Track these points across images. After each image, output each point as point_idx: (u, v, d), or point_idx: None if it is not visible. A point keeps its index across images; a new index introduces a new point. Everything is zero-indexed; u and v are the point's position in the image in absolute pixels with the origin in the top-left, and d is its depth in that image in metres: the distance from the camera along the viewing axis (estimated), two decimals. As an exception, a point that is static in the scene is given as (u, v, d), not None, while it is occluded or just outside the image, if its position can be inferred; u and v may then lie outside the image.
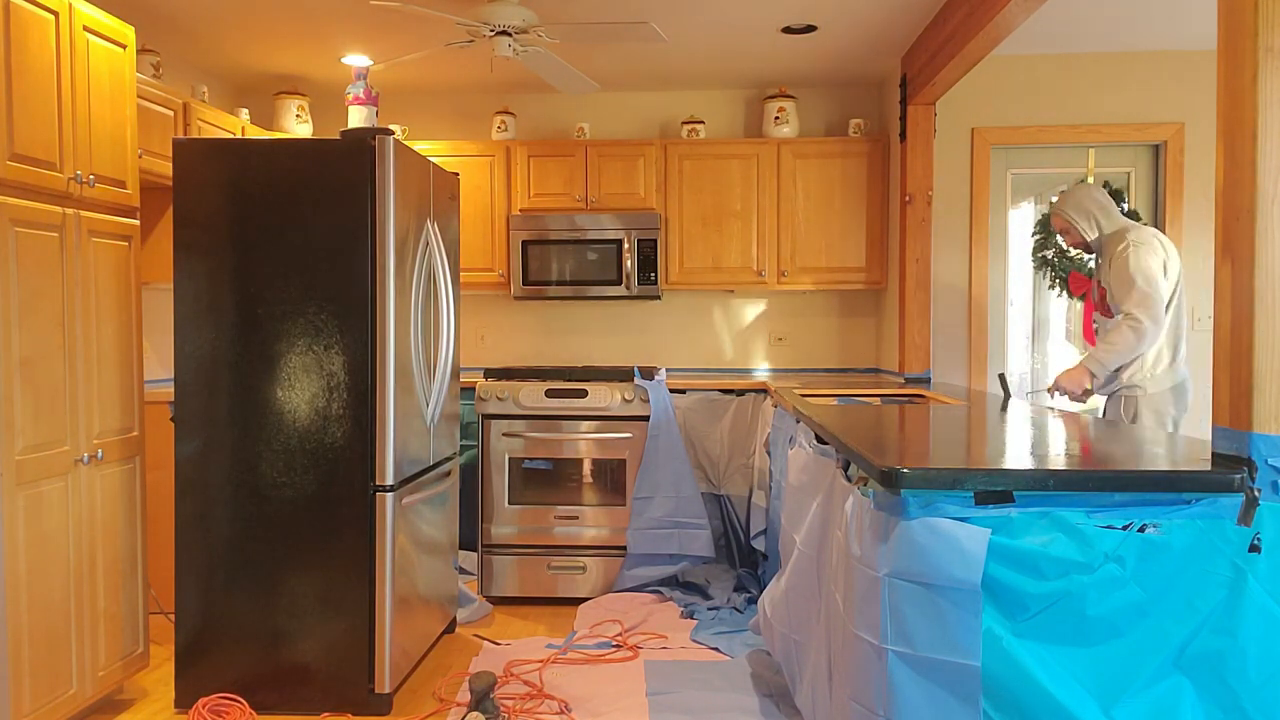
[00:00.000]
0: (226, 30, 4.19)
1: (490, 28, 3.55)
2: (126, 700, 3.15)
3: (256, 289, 3.04)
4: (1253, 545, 1.66)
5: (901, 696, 1.75)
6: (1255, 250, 1.67)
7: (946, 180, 4.65)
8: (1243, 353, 1.69)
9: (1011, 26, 3.32)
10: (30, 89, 2.58)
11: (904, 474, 1.75)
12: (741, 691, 3.20)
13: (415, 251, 3.26)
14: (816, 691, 2.36)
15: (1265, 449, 1.67)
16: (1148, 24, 4.20)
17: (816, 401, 3.35)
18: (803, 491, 2.67)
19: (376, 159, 3.01)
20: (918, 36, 4.23)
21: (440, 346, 3.53)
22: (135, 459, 3.08)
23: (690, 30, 4.15)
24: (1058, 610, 1.68)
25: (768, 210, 4.85)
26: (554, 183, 4.89)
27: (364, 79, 4.62)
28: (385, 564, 3.04)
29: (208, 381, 3.06)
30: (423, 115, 5.25)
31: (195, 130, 3.97)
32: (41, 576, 2.64)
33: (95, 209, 2.89)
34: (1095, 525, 1.70)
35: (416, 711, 3.09)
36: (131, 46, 3.05)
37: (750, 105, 5.18)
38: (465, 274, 4.76)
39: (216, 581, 3.07)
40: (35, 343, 2.61)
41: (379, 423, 3.04)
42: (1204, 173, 4.55)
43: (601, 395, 4.34)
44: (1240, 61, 1.69)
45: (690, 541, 4.30)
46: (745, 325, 5.24)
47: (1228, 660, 1.65)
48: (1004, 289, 4.76)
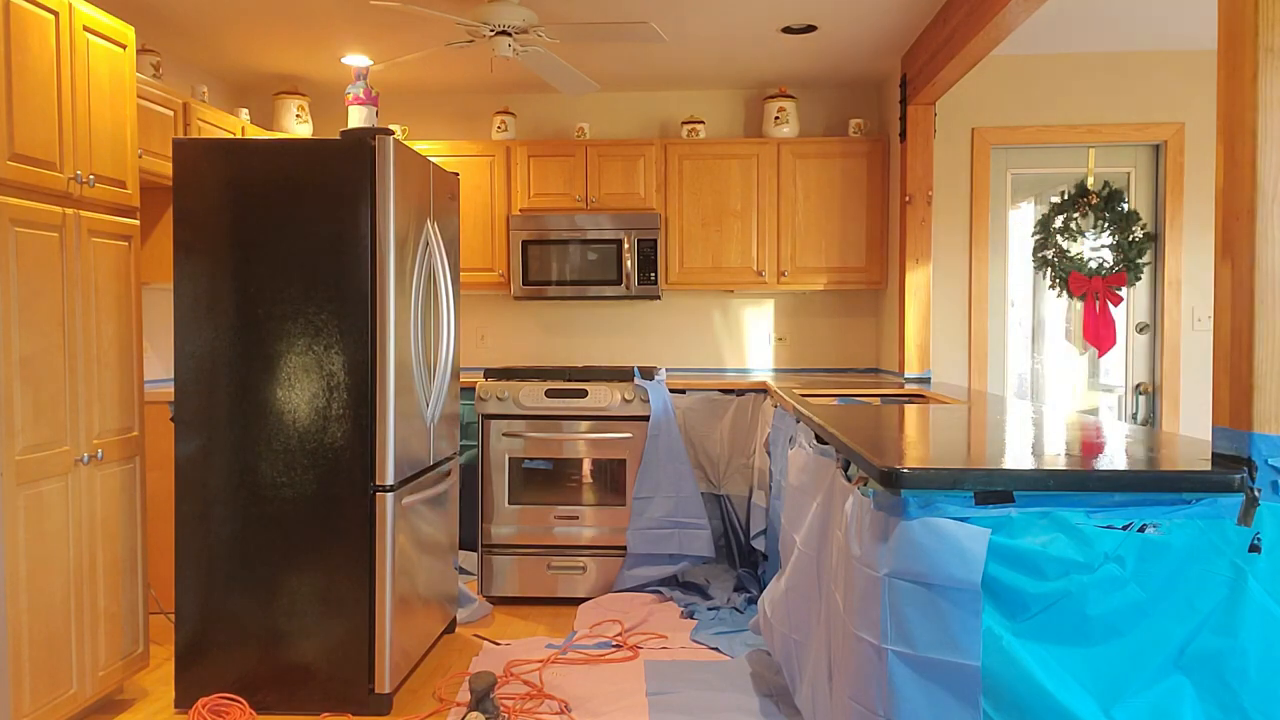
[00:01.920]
0: (226, 30, 4.19)
1: (490, 28, 3.55)
2: (126, 700, 3.15)
3: (256, 289, 3.04)
4: (1253, 545, 1.66)
5: (901, 696, 1.75)
6: (1255, 250, 1.67)
7: (946, 180, 4.65)
8: (1243, 353, 1.69)
9: (1011, 26, 3.32)
10: (30, 89, 2.58)
11: (904, 474, 1.75)
12: (741, 691, 3.20)
13: (415, 251, 3.26)
14: (816, 691, 2.36)
15: (1265, 449, 1.67)
16: (1148, 24, 4.20)
17: (816, 401, 3.35)
18: (803, 491, 2.67)
19: (376, 159, 3.01)
20: (918, 36, 4.23)
21: (440, 346, 3.53)
22: (135, 459, 3.08)
23: (690, 30, 4.15)
24: (1058, 610, 1.68)
25: (768, 210, 4.85)
26: (554, 183, 4.89)
27: (364, 79, 4.62)
28: (385, 564, 3.03)
29: (208, 381, 3.06)
30: (423, 115, 5.25)
31: (195, 130, 3.97)
32: (41, 576, 2.64)
33: (95, 209, 2.89)
34: (1095, 525, 1.70)
35: (416, 711, 3.09)
36: (131, 46, 3.05)
37: (750, 105, 5.18)
38: (465, 274, 4.76)
39: (216, 581, 3.07)
40: (35, 343, 2.61)
41: (379, 423, 3.04)
42: (1204, 173, 4.55)
43: (601, 395, 4.34)
44: (1240, 61, 1.69)
45: (690, 541, 4.29)
46: (745, 325, 5.24)
47: (1228, 660, 1.65)
48: (1004, 289, 4.76)
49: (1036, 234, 4.72)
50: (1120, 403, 4.80)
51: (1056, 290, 4.71)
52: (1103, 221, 4.64)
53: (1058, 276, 4.68)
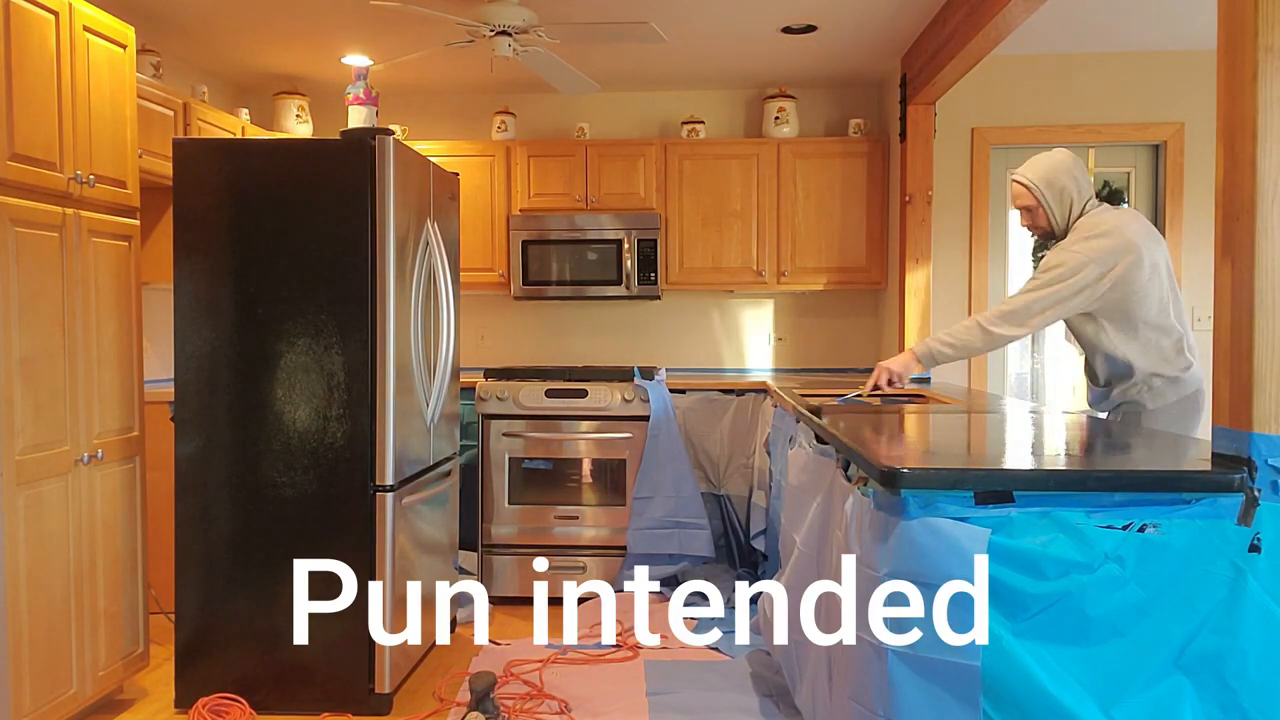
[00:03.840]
0: (226, 30, 4.19)
1: (490, 28, 3.55)
2: (127, 700, 3.15)
3: (256, 289, 3.04)
4: (1253, 545, 1.66)
5: (901, 696, 1.75)
6: (1255, 250, 1.67)
7: (946, 180, 4.65)
8: (1243, 353, 1.69)
9: (1011, 26, 3.32)
10: (30, 89, 2.58)
11: (904, 474, 1.75)
12: (741, 691, 3.20)
13: (415, 251, 3.26)
14: (816, 691, 2.36)
15: (1265, 449, 1.66)
16: (1148, 24, 4.20)
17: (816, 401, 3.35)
18: (803, 491, 2.67)
19: (376, 159, 3.01)
20: (918, 36, 4.23)
21: (440, 346, 3.53)
22: (135, 459, 3.08)
23: (690, 30, 4.15)
24: (1058, 610, 1.68)
25: (768, 210, 4.85)
26: (554, 183, 4.89)
27: (364, 79, 4.62)
28: (385, 564, 3.03)
29: (208, 381, 3.06)
30: (423, 115, 5.25)
31: (195, 130, 3.97)
32: (41, 576, 2.64)
33: (95, 209, 2.89)
34: (1095, 525, 1.70)
35: (416, 711, 3.09)
36: (131, 46, 3.05)
37: (750, 105, 5.18)
38: (465, 274, 4.76)
39: (216, 581, 3.07)
40: (35, 342, 2.61)
41: (379, 423, 3.04)
42: (1204, 173, 4.55)
43: (601, 395, 4.34)
44: (1240, 61, 1.69)
45: (690, 541, 4.30)
46: (745, 325, 5.24)
47: (1228, 660, 1.65)
48: (1004, 289, 4.75)
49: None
50: (1120, 403, 4.79)
51: (1056, 290, 4.70)
52: (1102, 221, 4.64)
53: (1058, 276, 4.68)
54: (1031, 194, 3.00)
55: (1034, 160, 3.03)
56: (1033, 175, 3.00)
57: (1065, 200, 2.97)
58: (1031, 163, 3.03)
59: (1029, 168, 3.02)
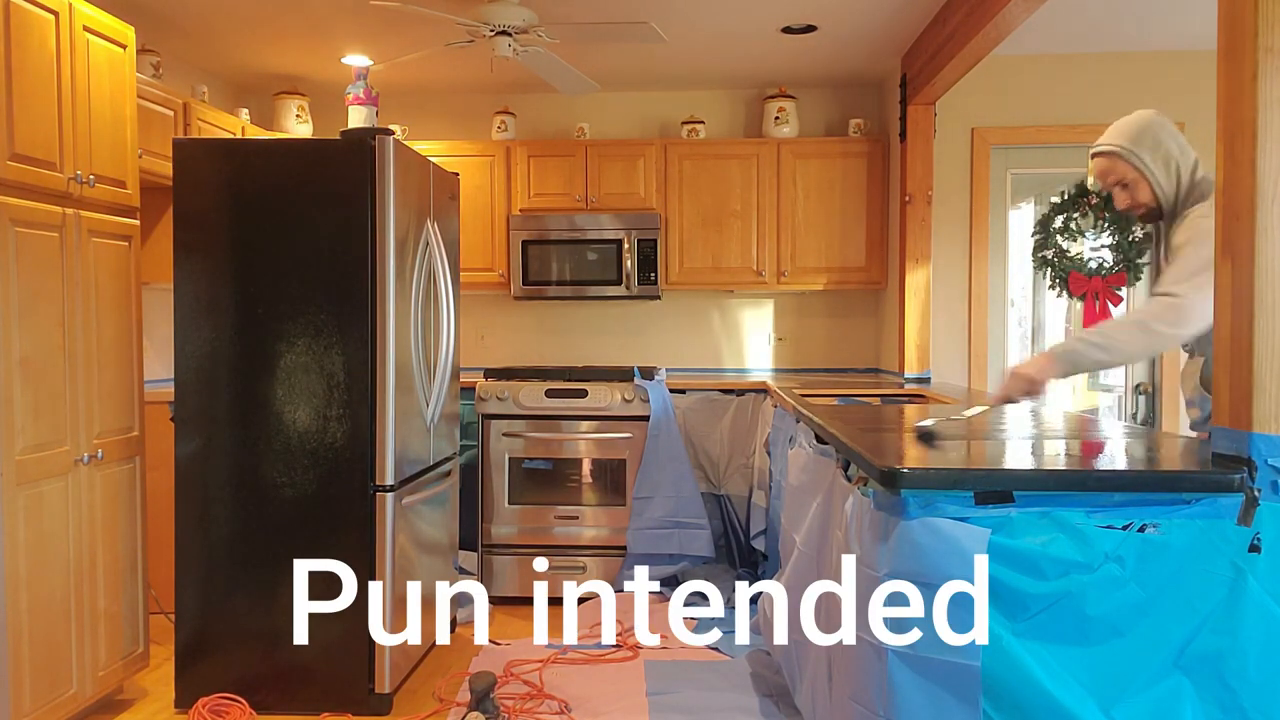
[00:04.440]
0: (226, 30, 4.19)
1: (490, 28, 3.55)
2: (126, 700, 3.15)
3: (256, 289, 3.04)
4: (1253, 545, 1.66)
5: (901, 696, 1.75)
6: (1255, 250, 1.67)
7: (946, 180, 4.65)
8: (1243, 353, 1.69)
9: (1011, 26, 3.32)
10: (30, 89, 2.58)
11: (904, 474, 1.75)
12: (741, 691, 3.20)
13: (415, 251, 3.26)
14: (816, 691, 2.36)
15: (1265, 449, 1.66)
16: (1148, 24, 4.20)
17: (816, 401, 3.35)
18: (803, 491, 2.67)
19: (376, 159, 3.01)
20: (918, 36, 4.23)
21: (440, 346, 3.53)
22: (135, 459, 3.08)
23: (690, 30, 4.15)
24: (1058, 610, 1.68)
25: (767, 210, 4.85)
26: (554, 183, 4.89)
27: (364, 79, 4.62)
28: (385, 564, 3.03)
29: (208, 381, 3.06)
30: (423, 115, 5.25)
31: (195, 130, 3.97)
32: (41, 576, 2.64)
33: (95, 209, 2.89)
34: (1095, 525, 1.70)
35: (416, 711, 3.09)
36: (131, 46, 3.05)
37: (750, 105, 5.18)
38: (465, 274, 4.75)
39: (216, 581, 3.07)
40: (35, 343, 2.61)
41: (379, 423, 3.04)
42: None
43: (601, 395, 4.34)
44: (1240, 61, 1.69)
45: (690, 541, 4.30)
46: (745, 325, 5.24)
47: (1228, 660, 1.65)
48: (1004, 289, 4.76)
49: (1036, 234, 4.72)
50: (1120, 403, 4.80)
51: (1056, 290, 4.71)
52: (1102, 221, 4.63)
53: (1057, 276, 4.68)
54: (1128, 162, 2.41)
55: (1116, 126, 2.46)
56: (1124, 140, 2.42)
57: (1171, 165, 2.39)
58: (1115, 128, 2.46)
59: (1114, 133, 2.45)
